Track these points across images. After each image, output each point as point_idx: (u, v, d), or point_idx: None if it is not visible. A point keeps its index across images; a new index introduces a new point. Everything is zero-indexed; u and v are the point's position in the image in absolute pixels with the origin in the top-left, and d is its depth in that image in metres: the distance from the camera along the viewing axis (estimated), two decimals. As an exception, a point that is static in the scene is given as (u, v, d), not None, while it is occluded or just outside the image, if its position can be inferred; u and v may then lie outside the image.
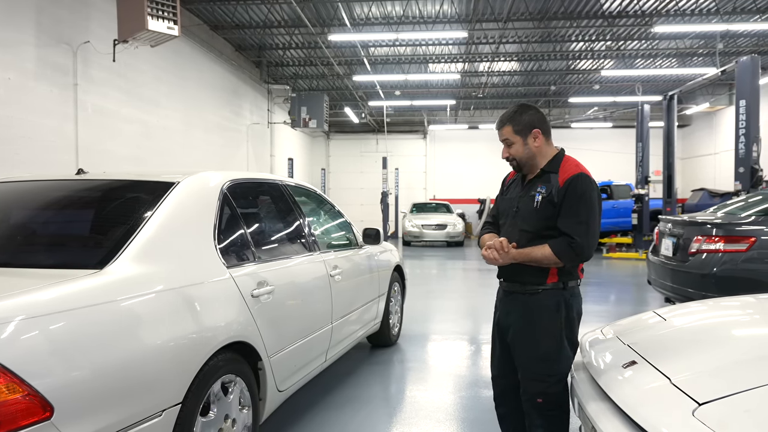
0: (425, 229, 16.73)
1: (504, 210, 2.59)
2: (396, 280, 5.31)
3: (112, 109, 8.56)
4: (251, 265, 2.84)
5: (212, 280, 2.51)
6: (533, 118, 2.45)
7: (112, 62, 8.10)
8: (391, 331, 5.19)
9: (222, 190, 2.89)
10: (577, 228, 2.30)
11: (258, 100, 15.40)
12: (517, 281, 2.46)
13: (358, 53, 13.55)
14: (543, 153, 2.45)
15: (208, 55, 12.15)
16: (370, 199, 21.40)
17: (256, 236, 3.12)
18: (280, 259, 3.19)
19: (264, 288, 2.82)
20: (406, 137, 23.28)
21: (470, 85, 17.42)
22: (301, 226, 3.63)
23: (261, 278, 2.84)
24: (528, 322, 2.41)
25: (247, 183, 3.27)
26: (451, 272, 11.57)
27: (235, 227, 2.94)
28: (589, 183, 2.35)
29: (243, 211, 3.07)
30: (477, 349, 5.20)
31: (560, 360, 2.38)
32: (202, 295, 2.41)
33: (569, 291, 2.40)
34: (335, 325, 3.72)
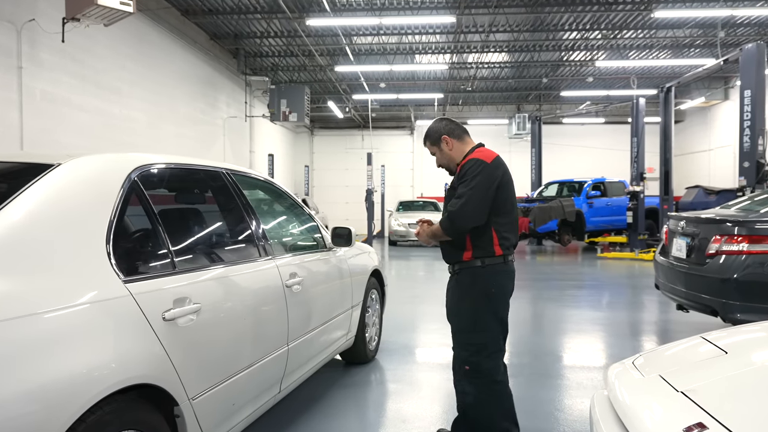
0: (412, 228, 16.01)
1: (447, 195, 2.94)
2: (374, 286, 4.61)
3: (65, 96, 7.77)
4: (166, 277, 2.12)
5: (97, 299, 1.78)
6: (439, 126, 2.91)
7: (63, 45, 7.33)
8: (368, 346, 4.49)
9: (129, 178, 2.17)
10: (454, 201, 2.66)
11: (235, 92, 14.62)
12: (447, 261, 2.87)
13: (340, 42, 12.81)
14: (459, 152, 2.86)
15: (179, 43, 11.36)
16: (356, 197, 20.70)
17: (179, 239, 2.40)
18: (214, 267, 2.47)
19: (184, 307, 2.11)
20: (393, 133, 22.59)
21: (459, 78, 16.75)
22: (249, 226, 2.90)
23: (180, 294, 2.12)
24: (452, 297, 2.84)
25: (170, 170, 2.54)
26: (439, 274, 10.88)
27: (145, 227, 2.22)
28: (473, 165, 2.68)
29: (162, 207, 2.35)
30: (466, 367, 4.50)
31: (476, 331, 2.71)
32: (78, 321, 1.69)
33: (488, 268, 2.69)
34: (293, 347, 3.01)
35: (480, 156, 2.72)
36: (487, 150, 2.81)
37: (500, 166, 2.74)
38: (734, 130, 16.06)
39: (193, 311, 2.16)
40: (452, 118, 13.55)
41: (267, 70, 15.56)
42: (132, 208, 2.17)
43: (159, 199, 2.43)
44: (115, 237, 1.95)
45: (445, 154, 2.87)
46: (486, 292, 2.70)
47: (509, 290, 2.78)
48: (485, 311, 2.71)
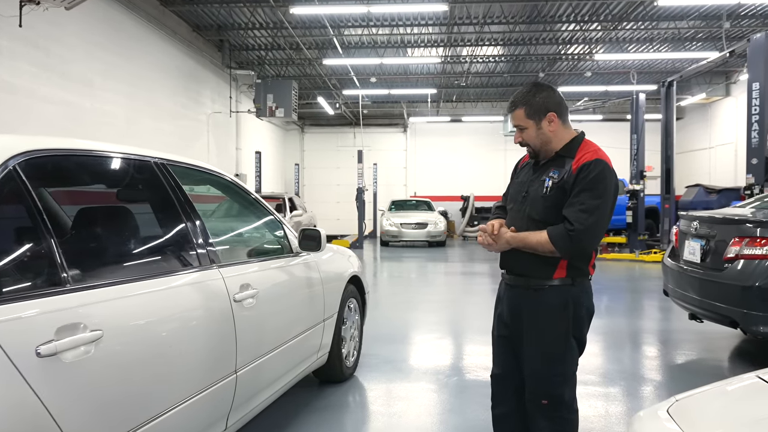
0: (404, 228, 15.56)
1: (513, 195, 2.41)
2: (352, 295, 4.09)
3: (27, 87, 7.21)
4: (46, 298, 1.59)
5: None
6: (548, 100, 2.25)
7: (24, 31, 6.77)
8: (345, 363, 3.96)
9: (5, 167, 1.64)
10: (578, 215, 2.12)
11: (220, 86, 14.06)
12: (522, 275, 2.29)
13: (328, 34, 12.27)
14: (559, 137, 2.27)
15: (158, 34, 10.79)
16: (347, 197, 20.15)
17: (78, 247, 1.87)
18: (126, 282, 1.93)
19: (75, 336, 1.59)
20: (385, 131, 22.06)
21: (452, 73, 16.22)
22: (185, 228, 2.37)
23: (69, 320, 1.60)
24: (533, 321, 2.26)
25: (74, 159, 2.01)
26: (432, 276, 10.38)
27: (23, 233, 1.69)
28: (603, 170, 2.15)
29: (50, 206, 1.83)
30: (463, 383, 3.98)
31: (566, 360, 2.24)
32: None
33: (578, 287, 2.23)
34: (243, 374, 2.49)
35: (604, 157, 2.18)
36: (597, 146, 2.26)
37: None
38: (736, 127, 15.61)
39: (88, 341, 1.64)
40: (442, 117, 12.90)
41: (253, 64, 15.01)
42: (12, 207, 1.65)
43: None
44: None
45: (544, 134, 2.24)
46: (578, 315, 2.24)
47: (594, 311, 2.34)
48: (577, 336, 2.26)
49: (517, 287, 2.32)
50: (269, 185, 18.30)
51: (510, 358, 2.37)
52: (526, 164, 2.43)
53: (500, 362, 2.43)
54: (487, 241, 2.27)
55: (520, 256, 2.25)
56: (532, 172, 2.34)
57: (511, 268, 2.35)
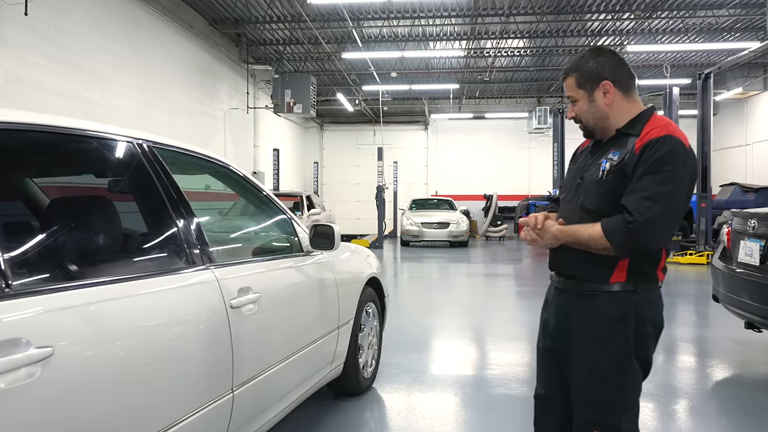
0: (425, 227, 15.13)
1: (567, 183, 2.02)
2: (370, 299, 3.69)
3: (35, 79, 6.95)
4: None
5: None
6: (602, 65, 1.86)
7: (33, 22, 6.58)
8: (362, 374, 3.57)
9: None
10: (640, 204, 1.69)
11: (237, 82, 13.78)
12: (573, 277, 1.89)
13: (347, 26, 11.90)
14: (620, 112, 1.86)
15: (173, 27, 10.53)
16: (367, 195, 19.81)
17: (24, 244, 1.50)
18: (85, 286, 1.55)
19: (5, 357, 1.21)
20: (406, 128, 21.64)
21: (475, 67, 15.74)
22: (173, 222, 1.99)
23: (10, 334, 1.23)
24: (584, 334, 1.86)
25: (34, 137, 1.63)
26: (454, 278, 9.94)
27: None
28: (675, 148, 1.71)
29: None
30: (493, 398, 3.56)
31: (624, 384, 1.82)
32: None
33: (642, 296, 1.80)
34: (242, 393, 2.11)
35: (676, 133, 1.75)
36: (670, 121, 1.83)
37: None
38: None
39: (32, 360, 1.27)
40: (464, 114, 12.41)
41: (271, 60, 14.70)
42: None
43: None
44: None
45: (598, 107, 1.86)
46: (641, 330, 1.80)
47: (663, 327, 1.90)
48: (640, 356, 1.82)
49: (567, 292, 1.92)
50: (288, 183, 18.03)
51: (556, 375, 1.98)
52: (586, 148, 2.03)
53: (545, 381, 2.05)
54: (530, 237, 1.88)
55: (570, 254, 1.86)
56: (590, 155, 1.95)
57: (560, 268, 1.96)
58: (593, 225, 1.77)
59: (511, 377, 4.05)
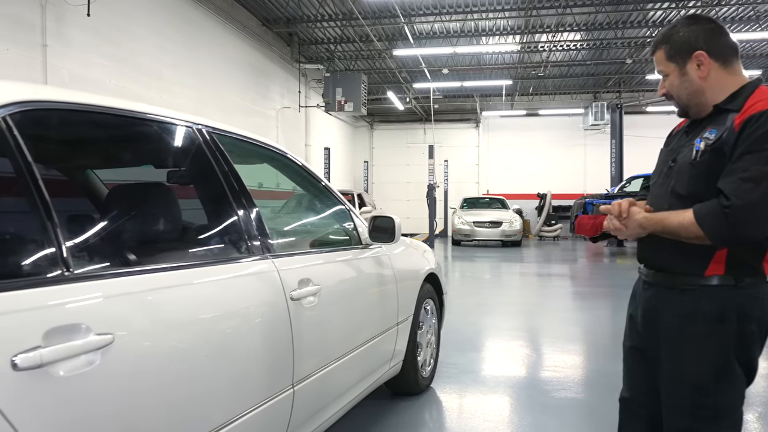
0: (477, 226, 14.88)
1: (658, 166, 1.81)
2: (429, 295, 3.57)
3: (98, 79, 7.15)
4: (30, 289, 1.16)
5: None
6: (695, 34, 1.64)
7: (96, 23, 6.77)
8: (420, 373, 3.45)
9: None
10: (739, 186, 1.48)
11: (289, 81, 13.90)
12: (664, 269, 1.69)
13: (399, 23, 11.80)
14: (717, 85, 1.63)
15: (227, 27, 10.68)
16: (417, 195, 19.67)
17: (84, 227, 1.45)
18: (144, 272, 1.48)
19: (64, 344, 1.15)
20: (457, 126, 21.37)
21: (529, 63, 15.36)
22: (232, 210, 1.93)
23: (54, 322, 1.17)
24: (674, 331, 1.66)
25: (93, 116, 1.58)
26: (507, 278, 9.70)
27: (9, 203, 1.29)
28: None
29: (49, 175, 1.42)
30: (559, 402, 3.37)
31: (721, 390, 1.60)
32: None
33: (746, 291, 1.58)
34: (302, 389, 2.03)
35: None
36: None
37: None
38: None
39: (91, 348, 1.20)
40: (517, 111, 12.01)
41: (322, 59, 14.76)
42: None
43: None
44: None
45: (691, 82, 1.66)
46: (744, 331, 1.60)
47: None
48: (741, 358, 1.62)
49: (656, 286, 1.73)
50: (338, 182, 18.10)
51: (644, 377, 1.79)
52: (681, 129, 1.83)
53: (631, 382, 1.87)
54: (613, 226, 1.69)
55: (660, 244, 1.67)
56: (685, 136, 1.75)
57: (648, 260, 1.76)
58: (684, 211, 1.59)
59: (575, 380, 3.85)
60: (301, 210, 3.07)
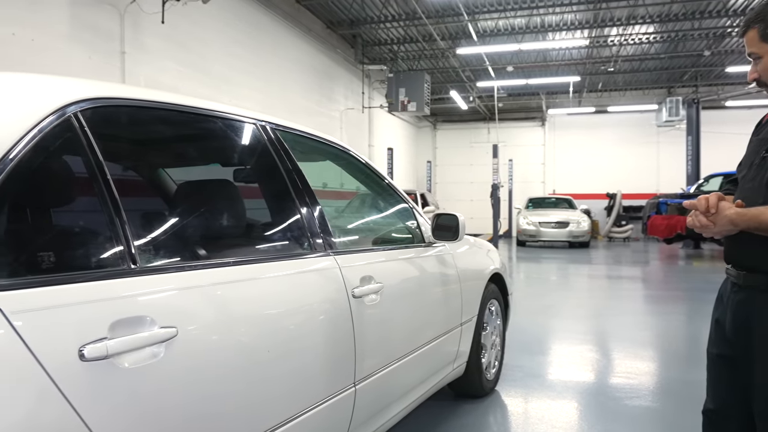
0: (543, 227, 14.52)
1: (747, 158, 1.64)
2: (493, 295, 3.48)
3: (171, 84, 7.45)
4: (87, 284, 1.19)
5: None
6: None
7: (169, 30, 7.04)
8: (485, 375, 3.37)
9: (61, 114, 1.26)
10: None
11: (353, 83, 14.03)
12: (757, 270, 1.53)
13: (462, 21, 11.67)
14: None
15: (293, 31, 10.90)
16: (481, 195, 19.37)
17: (155, 223, 1.49)
18: (204, 267, 1.49)
19: (130, 336, 1.17)
20: (522, 125, 20.92)
21: (598, 58, 14.83)
22: (293, 204, 1.93)
23: (121, 314, 1.19)
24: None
25: (160, 113, 1.62)
26: (574, 279, 9.39)
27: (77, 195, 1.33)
28: None
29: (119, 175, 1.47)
30: (632, 410, 3.21)
31: None
32: None
33: None
34: (364, 388, 2.01)
35: None
36: None
37: None
38: None
39: (156, 340, 1.22)
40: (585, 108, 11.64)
41: (385, 60, 14.81)
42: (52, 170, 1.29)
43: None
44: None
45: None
46: None
47: None
48: None
49: (749, 288, 1.58)
50: (401, 183, 18.11)
51: (732, 388, 1.67)
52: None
53: (717, 393, 1.74)
54: (699, 223, 1.55)
55: (752, 242, 1.53)
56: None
57: (739, 260, 1.63)
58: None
59: (649, 388, 3.66)
60: (364, 208, 3.06)
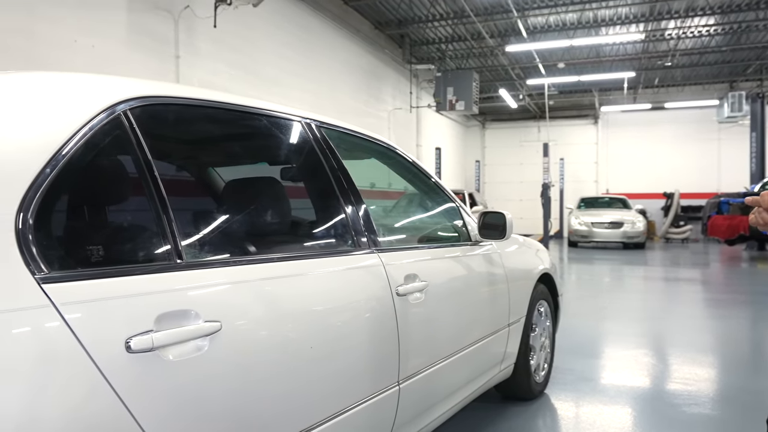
0: (596, 227, 14.13)
1: None
2: (542, 296, 3.40)
3: (224, 87, 7.63)
4: (135, 278, 1.21)
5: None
6: None
7: (221, 34, 7.24)
8: (533, 378, 3.29)
9: (111, 112, 1.30)
10: None
11: (400, 83, 14.03)
12: None
13: (511, 17, 11.48)
14: None
15: (341, 32, 10.99)
16: (531, 194, 19.06)
17: (194, 214, 1.51)
18: (250, 262, 1.51)
19: (175, 329, 1.19)
20: (574, 123, 20.43)
21: (654, 53, 14.31)
22: (339, 202, 1.93)
23: (167, 307, 1.21)
24: None
25: (207, 111, 1.66)
26: (629, 281, 9.08)
27: (127, 191, 1.36)
28: None
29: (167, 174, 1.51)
30: (691, 418, 3.07)
31: None
32: None
33: None
34: (408, 387, 1.99)
35: None
36: None
37: None
38: None
39: (201, 334, 1.24)
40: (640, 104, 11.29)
41: (433, 59, 14.75)
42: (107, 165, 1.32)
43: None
44: (37, 210, 1.08)
45: None
46: None
47: None
48: None
49: None
50: (449, 182, 17.99)
51: None
52: None
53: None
54: (763, 220, 1.48)
55: None
56: None
57: None
58: None
59: (709, 395, 3.49)
60: (411, 207, 3.04)
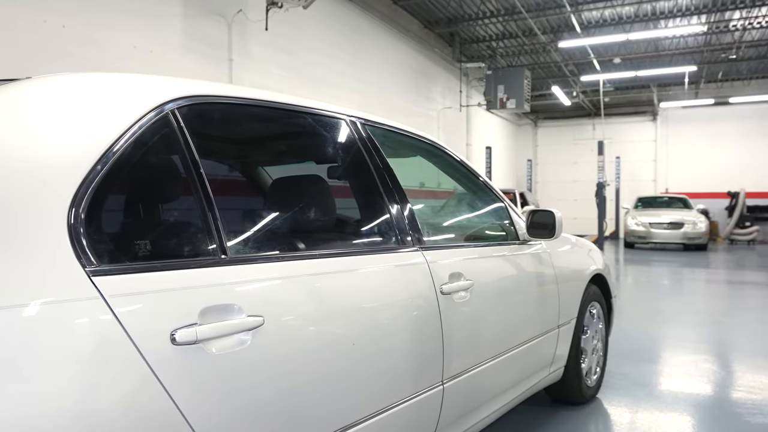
0: (654, 228, 13.63)
1: None
2: (595, 297, 3.30)
3: (274, 87, 7.63)
4: (180, 272, 1.24)
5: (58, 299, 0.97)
6: None
7: (272, 37, 7.36)
8: (584, 381, 3.20)
9: (160, 110, 1.34)
10: None
11: (450, 81, 13.92)
12: None
13: (564, 13, 11.21)
14: None
15: (390, 32, 11.00)
16: (585, 194, 18.57)
17: (240, 212, 1.53)
18: (294, 258, 1.52)
19: (219, 323, 1.22)
20: (630, 120, 19.76)
21: (718, 45, 13.67)
22: (383, 199, 1.93)
23: (211, 301, 1.23)
24: None
25: (254, 110, 1.68)
26: (689, 284, 8.70)
27: (181, 191, 1.40)
28: None
29: (212, 171, 1.53)
30: (750, 428, 2.91)
31: None
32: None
33: None
34: (452, 387, 1.97)
35: None
36: None
37: None
38: None
39: (244, 328, 1.26)
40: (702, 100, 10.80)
41: (484, 57, 14.56)
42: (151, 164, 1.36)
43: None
44: (89, 206, 1.12)
45: None
46: None
47: None
48: None
49: None
50: (500, 182, 17.75)
51: None
52: None
53: None
54: None
55: None
56: None
57: None
58: None
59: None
60: (458, 206, 3.01)
